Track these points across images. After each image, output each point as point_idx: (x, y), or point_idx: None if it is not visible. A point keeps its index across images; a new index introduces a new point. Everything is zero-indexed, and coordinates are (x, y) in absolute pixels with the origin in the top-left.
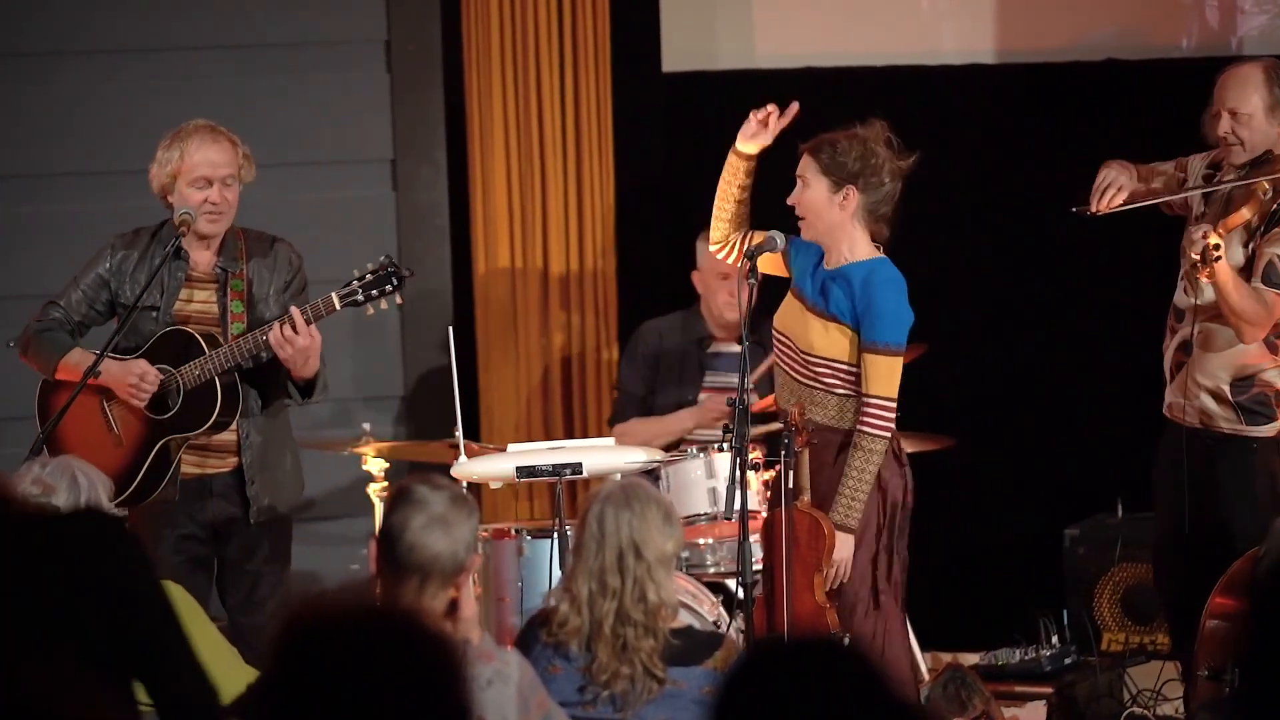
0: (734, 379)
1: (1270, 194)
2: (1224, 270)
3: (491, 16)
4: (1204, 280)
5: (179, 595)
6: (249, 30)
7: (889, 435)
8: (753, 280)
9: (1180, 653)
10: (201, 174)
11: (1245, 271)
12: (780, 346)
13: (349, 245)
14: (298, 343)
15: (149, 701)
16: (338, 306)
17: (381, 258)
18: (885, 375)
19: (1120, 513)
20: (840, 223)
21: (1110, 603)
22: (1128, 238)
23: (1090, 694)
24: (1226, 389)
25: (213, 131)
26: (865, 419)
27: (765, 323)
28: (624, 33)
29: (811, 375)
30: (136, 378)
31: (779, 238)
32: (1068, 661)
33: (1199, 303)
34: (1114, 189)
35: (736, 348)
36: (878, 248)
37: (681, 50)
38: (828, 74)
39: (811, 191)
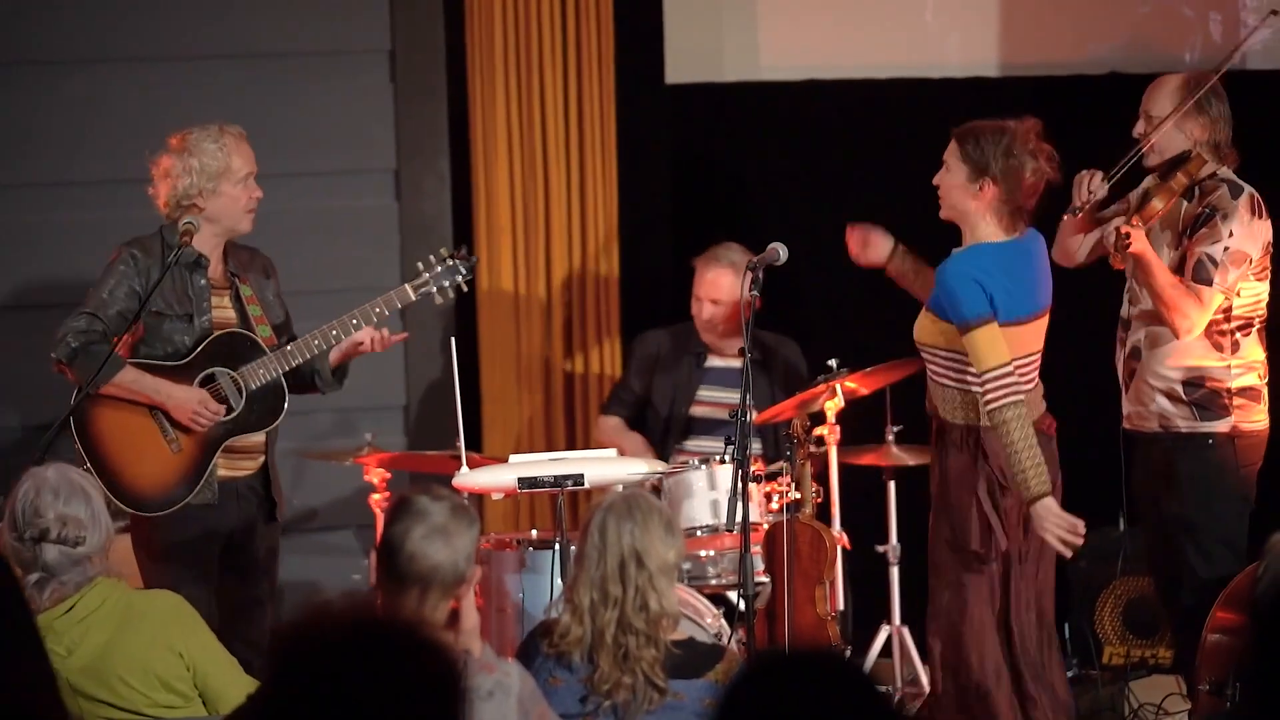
0: (726, 393)
1: (1184, 185)
2: (1144, 255)
3: (495, 26)
4: (1128, 273)
5: (176, 604)
6: (254, 39)
7: (1012, 400)
8: (755, 292)
9: (1183, 667)
10: (251, 170)
11: (1178, 274)
12: None
13: (353, 255)
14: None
15: (167, 704)
16: (413, 297)
17: (443, 250)
18: (981, 349)
19: (1123, 526)
20: (972, 211)
21: (1112, 616)
22: None
23: (1092, 708)
24: (1179, 389)
25: (239, 133)
26: (983, 397)
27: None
28: (628, 43)
29: (932, 367)
30: (201, 405)
31: (781, 250)
32: (1070, 675)
33: (1141, 309)
34: (1088, 176)
35: (732, 363)
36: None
37: (685, 61)
38: (832, 86)
39: (951, 176)
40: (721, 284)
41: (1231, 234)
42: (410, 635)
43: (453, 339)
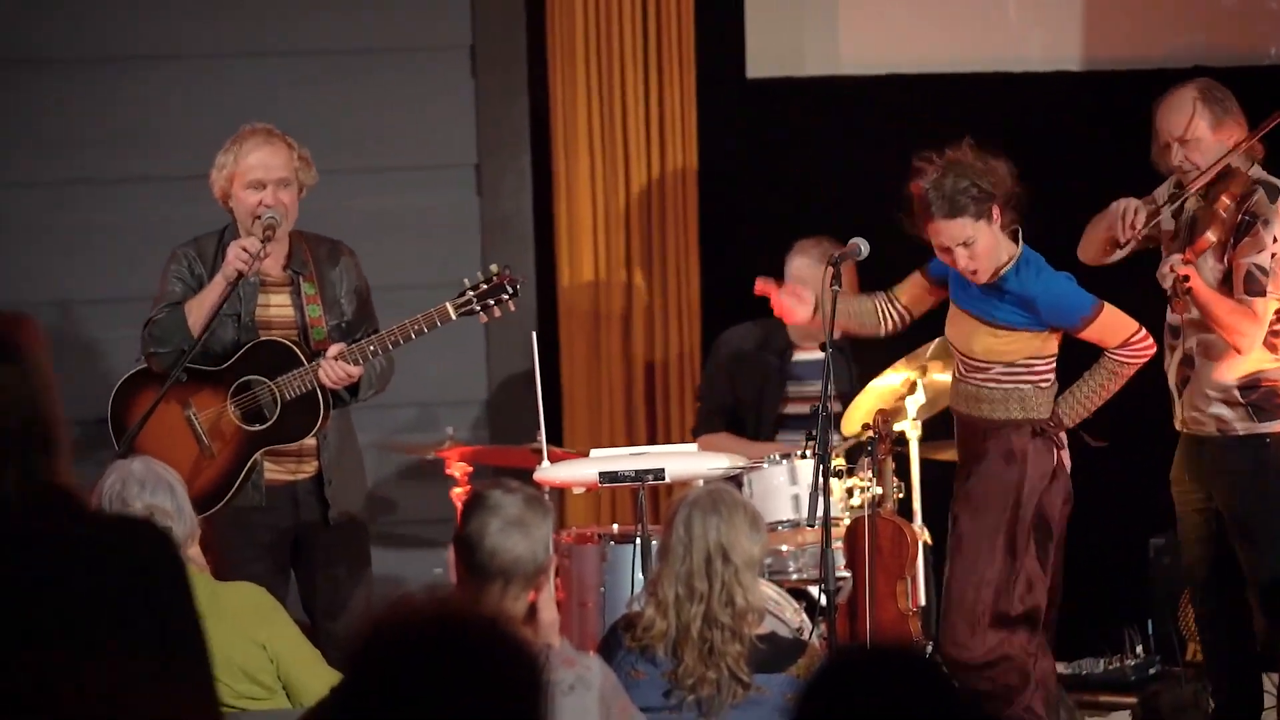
0: (816, 387)
1: (1231, 210)
2: (1200, 293)
3: (576, 22)
4: (1176, 313)
5: (260, 596)
6: (334, 36)
7: (1137, 363)
8: (836, 288)
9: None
10: (255, 176)
11: (1226, 284)
12: (954, 353)
13: (433, 251)
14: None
15: (250, 695)
16: (453, 316)
17: (493, 267)
18: (1108, 327)
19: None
20: (999, 242)
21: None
22: None
23: (1175, 705)
24: (1236, 393)
25: (267, 134)
26: (1117, 352)
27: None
28: (708, 38)
29: (981, 378)
30: (238, 248)
31: (862, 245)
32: (1152, 672)
33: (1190, 318)
34: (1130, 210)
35: (818, 355)
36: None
37: (766, 56)
38: (913, 81)
39: (982, 241)
40: (808, 278)
41: (1275, 239)
42: (492, 630)
43: (534, 333)
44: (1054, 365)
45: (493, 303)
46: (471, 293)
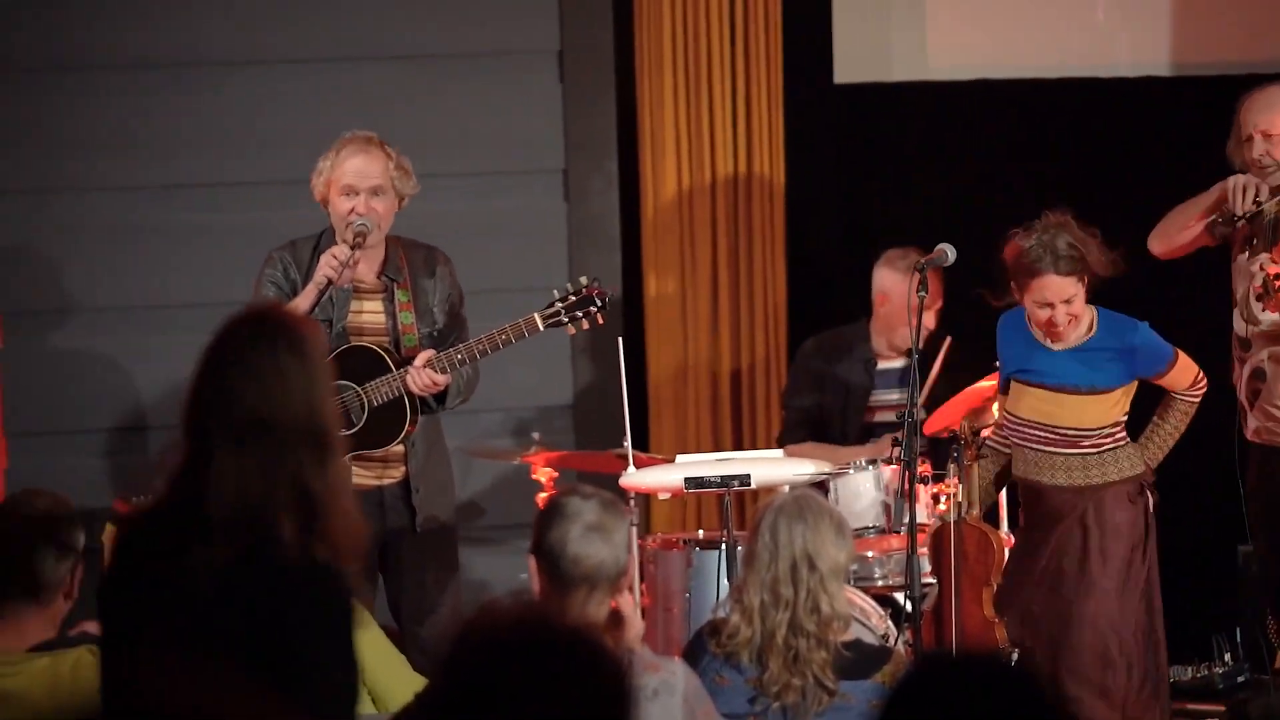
0: (897, 395)
1: None
2: None
3: (664, 26)
4: (1270, 312)
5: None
6: (422, 41)
7: (1199, 401)
8: (922, 293)
9: None
10: (349, 182)
11: None
12: (1029, 430)
13: (520, 255)
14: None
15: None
16: (540, 327)
17: (583, 279)
18: (1184, 369)
19: None
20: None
21: None
22: None
23: (1264, 713)
24: None
25: (365, 141)
26: (1187, 393)
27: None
28: (796, 43)
29: (1086, 446)
30: (330, 255)
31: (949, 251)
32: (1241, 680)
33: (1262, 329)
34: (1251, 184)
35: (901, 363)
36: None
37: (854, 61)
38: (1001, 86)
39: (1079, 302)
40: (886, 286)
41: None
42: (578, 638)
43: (619, 339)
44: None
45: (581, 315)
46: (560, 304)
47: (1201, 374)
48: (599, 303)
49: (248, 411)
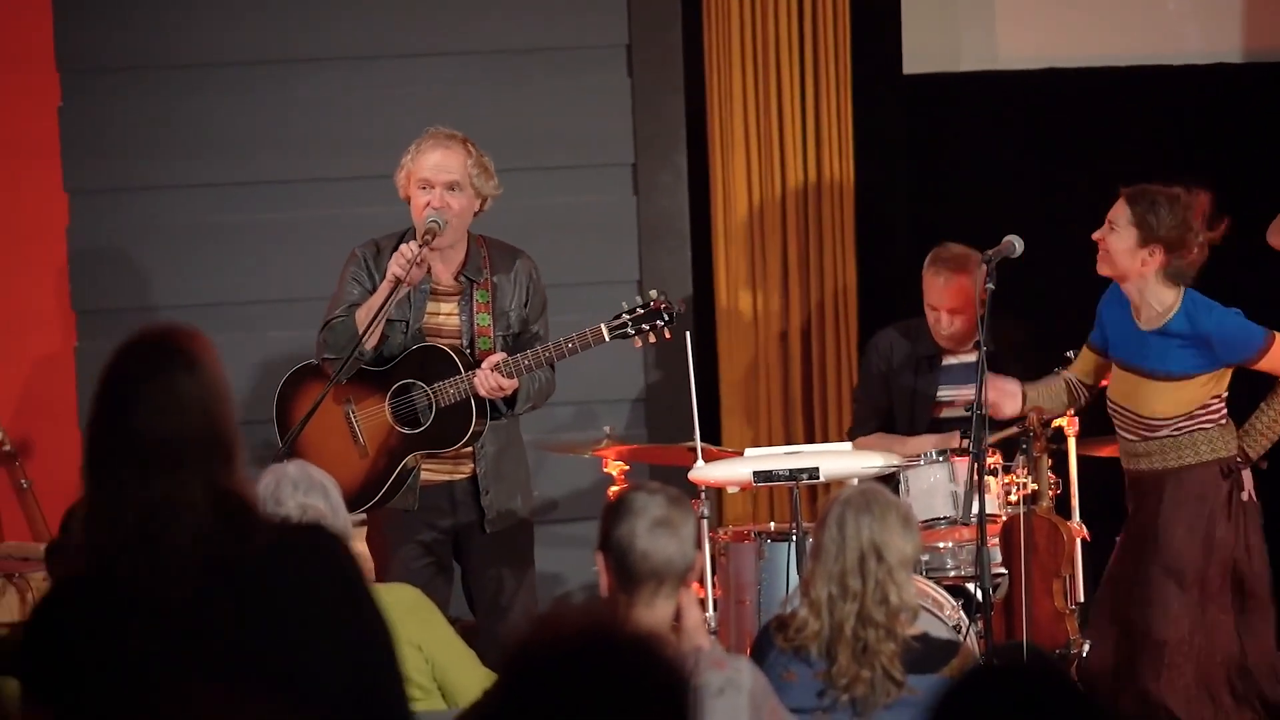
0: (968, 390)
1: None
2: None
3: (732, 20)
4: None
5: (415, 598)
6: (491, 36)
7: None
8: (990, 286)
9: None
10: (424, 176)
11: None
12: (1117, 415)
13: (589, 250)
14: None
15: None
16: (606, 338)
17: (652, 292)
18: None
19: None
20: (1141, 276)
21: None
22: None
23: None
24: None
25: (447, 137)
26: None
27: (1004, 326)
28: (865, 35)
29: (1164, 433)
30: (399, 254)
31: (1017, 243)
32: None
33: None
34: None
35: (969, 358)
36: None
37: (922, 52)
38: (1071, 74)
39: (1117, 238)
40: (937, 287)
41: None
42: (643, 646)
43: (688, 333)
44: (1225, 399)
45: (647, 328)
46: (627, 315)
47: None
48: (666, 317)
49: (151, 439)
